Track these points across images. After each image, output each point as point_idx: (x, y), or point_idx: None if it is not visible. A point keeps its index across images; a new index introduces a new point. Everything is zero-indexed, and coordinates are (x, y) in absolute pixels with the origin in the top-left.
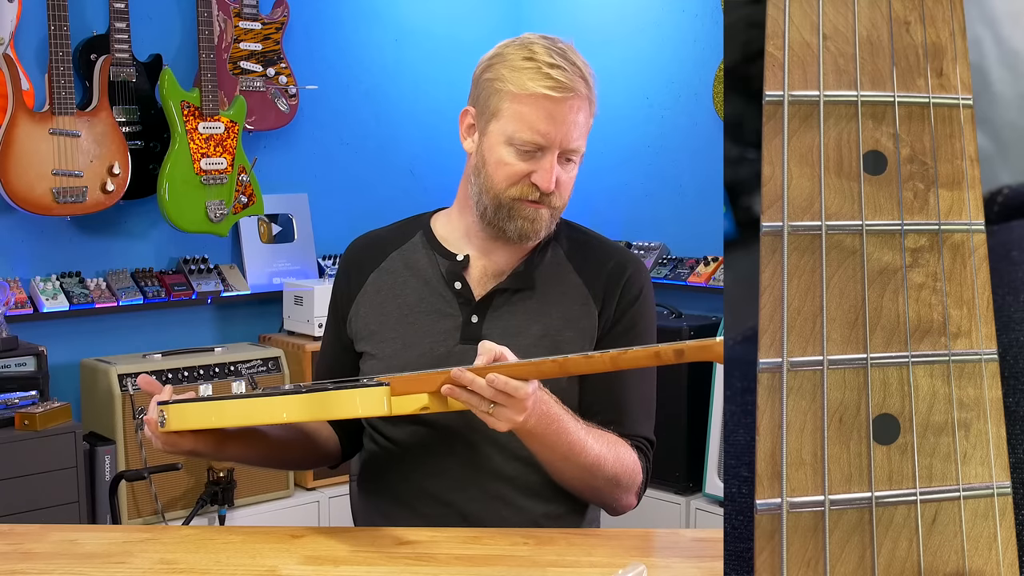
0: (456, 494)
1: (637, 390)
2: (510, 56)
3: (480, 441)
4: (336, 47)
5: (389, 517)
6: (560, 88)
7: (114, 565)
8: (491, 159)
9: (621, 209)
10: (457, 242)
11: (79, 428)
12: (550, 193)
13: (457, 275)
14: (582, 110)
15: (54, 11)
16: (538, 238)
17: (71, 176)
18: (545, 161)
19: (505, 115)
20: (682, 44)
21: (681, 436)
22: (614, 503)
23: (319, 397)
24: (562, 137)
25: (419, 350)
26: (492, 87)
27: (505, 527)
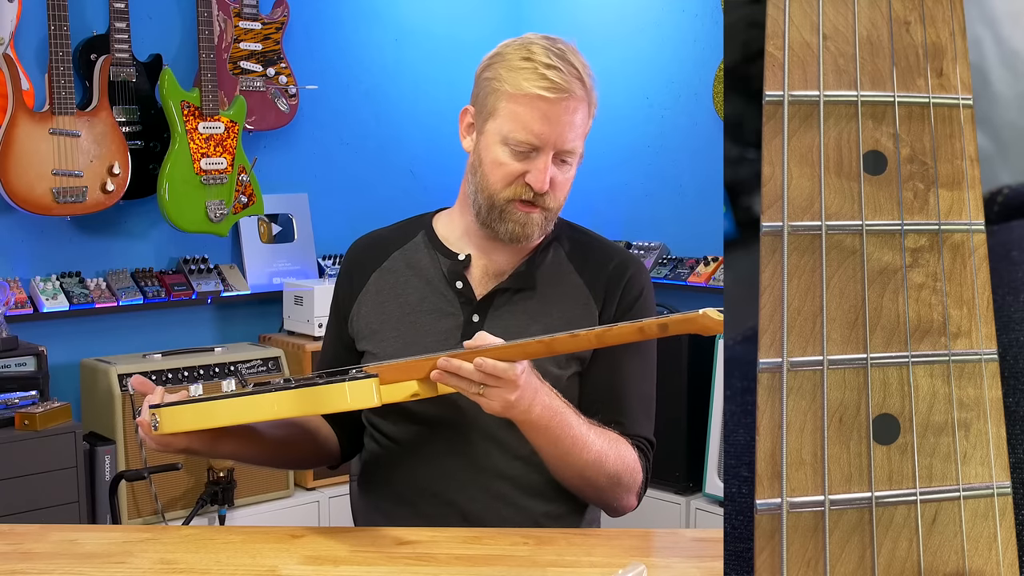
0: (457, 494)
1: (637, 390)
2: (509, 56)
3: (481, 440)
4: (336, 47)
5: (390, 516)
6: (555, 89)
7: (114, 565)
8: (487, 158)
9: (621, 209)
10: (458, 242)
11: (79, 428)
12: (544, 194)
13: (459, 275)
14: (578, 111)
15: (54, 11)
16: (529, 241)
17: (71, 176)
18: (539, 161)
19: (501, 114)
20: (682, 44)
21: (681, 436)
22: (615, 502)
23: (309, 392)
24: (556, 138)
25: (420, 349)
26: (490, 86)
27: (506, 526)
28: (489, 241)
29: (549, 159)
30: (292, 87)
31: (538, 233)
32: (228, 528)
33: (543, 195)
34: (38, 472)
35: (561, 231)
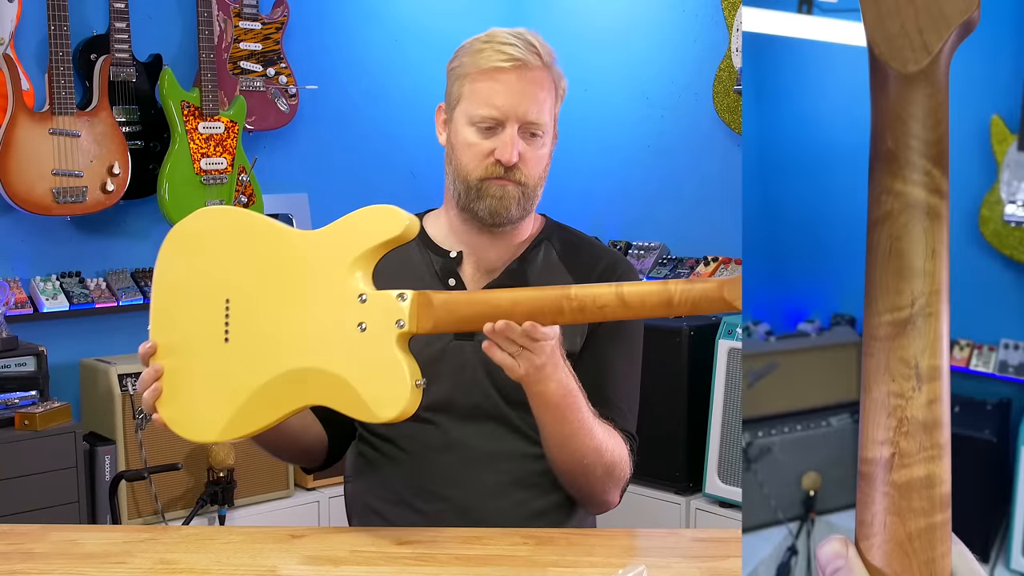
0: (452, 489)
1: (623, 385)
2: (471, 44)
3: (475, 435)
4: (336, 47)
5: (385, 515)
6: (512, 60)
7: (114, 565)
8: (458, 143)
9: (621, 209)
10: (447, 239)
11: (79, 428)
12: (512, 167)
13: (451, 272)
14: (541, 84)
15: (54, 11)
16: (511, 219)
17: (71, 176)
18: (505, 135)
19: (465, 97)
20: (682, 44)
21: (681, 436)
22: (603, 495)
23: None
24: (517, 108)
25: (413, 347)
26: (454, 75)
27: (503, 520)
28: (477, 237)
29: (514, 131)
30: (292, 87)
31: (516, 209)
32: (228, 528)
33: (514, 169)
34: (38, 472)
35: (551, 232)
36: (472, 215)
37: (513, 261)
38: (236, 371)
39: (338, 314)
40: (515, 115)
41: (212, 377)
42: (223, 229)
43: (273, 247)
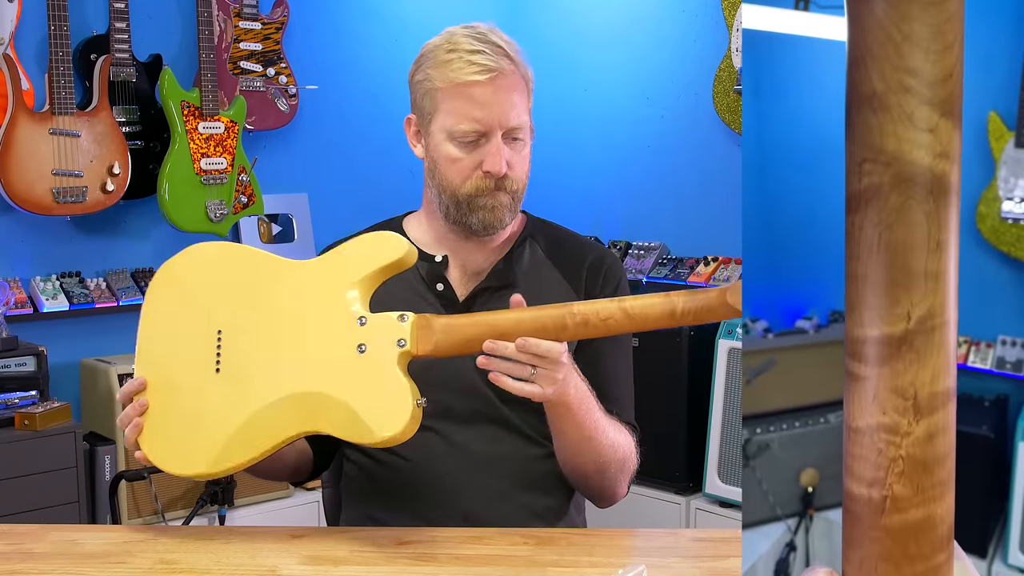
0: (458, 496)
1: (621, 377)
2: (433, 53)
3: (476, 439)
4: (336, 47)
5: (388, 524)
6: (485, 71)
7: (114, 565)
8: (440, 158)
9: (621, 209)
10: (431, 244)
11: (79, 428)
12: (503, 177)
13: (439, 276)
14: (515, 88)
15: (54, 11)
16: (503, 227)
17: (71, 176)
18: (491, 145)
19: (441, 111)
20: (682, 43)
21: (681, 436)
22: (614, 489)
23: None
24: (499, 117)
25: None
26: (423, 88)
27: (505, 522)
28: (461, 241)
29: (499, 140)
30: (292, 87)
31: (508, 216)
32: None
33: (504, 178)
34: (38, 472)
35: (535, 229)
36: (463, 227)
37: (499, 261)
38: (228, 401)
39: (336, 337)
40: (497, 124)
41: (201, 409)
42: (214, 262)
43: (267, 277)
